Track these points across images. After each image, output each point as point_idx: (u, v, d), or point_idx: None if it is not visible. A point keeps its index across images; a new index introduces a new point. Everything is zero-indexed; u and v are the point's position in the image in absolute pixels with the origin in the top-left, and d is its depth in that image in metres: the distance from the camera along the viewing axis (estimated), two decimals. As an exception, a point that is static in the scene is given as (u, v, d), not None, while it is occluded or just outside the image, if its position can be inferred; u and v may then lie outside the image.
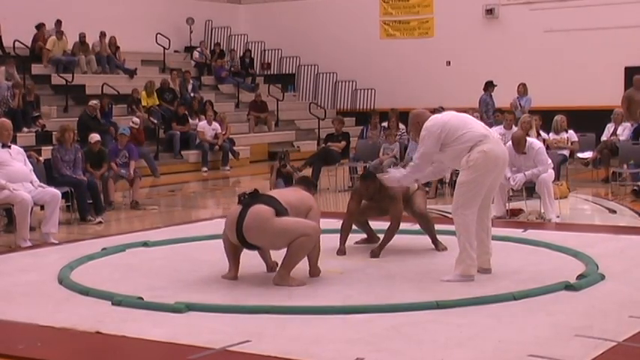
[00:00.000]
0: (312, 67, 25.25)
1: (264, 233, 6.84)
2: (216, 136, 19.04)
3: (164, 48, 23.29)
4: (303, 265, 7.03)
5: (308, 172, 14.30)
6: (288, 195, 7.24)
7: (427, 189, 11.59)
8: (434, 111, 18.33)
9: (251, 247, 7.03)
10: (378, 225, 8.56)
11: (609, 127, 15.38)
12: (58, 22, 20.89)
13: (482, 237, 7.05)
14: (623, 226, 10.16)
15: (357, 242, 8.72)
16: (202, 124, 19.27)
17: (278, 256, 7.11)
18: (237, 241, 6.92)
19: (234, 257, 7.18)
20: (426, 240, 8.72)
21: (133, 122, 17.30)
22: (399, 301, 6.13)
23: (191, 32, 25.01)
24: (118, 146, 13.06)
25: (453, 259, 7.78)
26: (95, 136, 12.58)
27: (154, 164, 16.80)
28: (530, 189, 10.79)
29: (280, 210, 6.87)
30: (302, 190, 7.50)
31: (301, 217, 6.99)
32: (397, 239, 8.81)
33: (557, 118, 14.50)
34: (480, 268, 7.06)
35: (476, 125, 7.11)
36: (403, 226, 8.35)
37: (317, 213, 7.23)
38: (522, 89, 18.43)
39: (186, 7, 24.91)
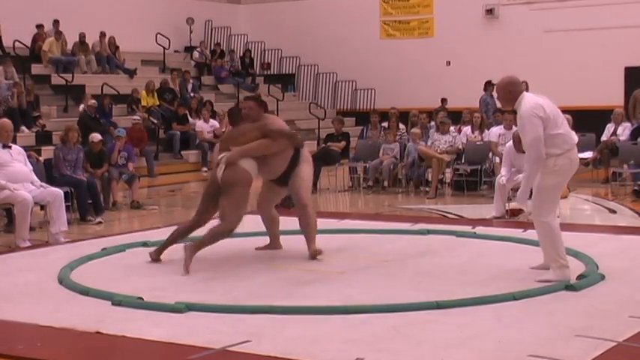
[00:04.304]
0: (312, 67, 25.24)
1: None
2: (215, 135, 19.02)
3: (164, 48, 23.28)
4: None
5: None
6: None
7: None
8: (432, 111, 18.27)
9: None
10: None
11: (609, 127, 15.36)
12: (56, 22, 20.90)
13: None
14: (623, 226, 10.15)
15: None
16: (200, 123, 19.24)
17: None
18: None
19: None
20: (425, 240, 8.69)
21: (133, 120, 17.38)
22: (399, 301, 6.11)
23: (191, 32, 25.00)
24: (117, 148, 13.03)
25: (451, 259, 7.80)
26: (97, 136, 12.55)
27: (152, 164, 16.89)
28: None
29: None
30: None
31: None
32: (396, 239, 8.81)
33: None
34: (543, 265, 6.88)
35: (568, 126, 6.75)
36: (402, 226, 8.29)
37: None
38: (525, 87, 18.38)
39: (187, 7, 24.90)
